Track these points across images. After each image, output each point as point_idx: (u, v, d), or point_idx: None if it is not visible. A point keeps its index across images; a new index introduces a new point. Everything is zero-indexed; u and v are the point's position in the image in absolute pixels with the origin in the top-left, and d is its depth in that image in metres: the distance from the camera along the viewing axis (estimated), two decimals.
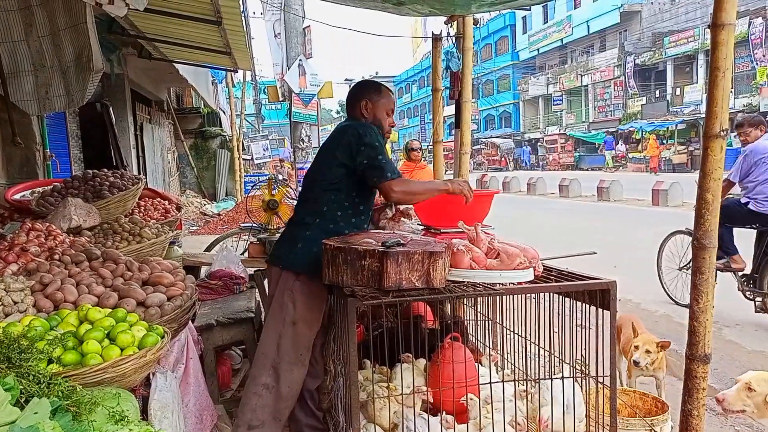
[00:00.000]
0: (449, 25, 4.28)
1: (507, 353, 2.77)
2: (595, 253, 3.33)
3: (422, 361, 2.67)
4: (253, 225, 5.64)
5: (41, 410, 1.37)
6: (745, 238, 5.58)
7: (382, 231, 2.85)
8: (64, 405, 1.48)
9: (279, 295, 2.59)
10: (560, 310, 2.26)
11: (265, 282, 3.86)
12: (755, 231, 5.45)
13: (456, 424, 2.37)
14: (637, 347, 3.28)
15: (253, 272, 4.46)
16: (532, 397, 2.47)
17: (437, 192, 2.66)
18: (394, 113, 2.96)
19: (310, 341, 2.60)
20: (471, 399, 2.34)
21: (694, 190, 2.38)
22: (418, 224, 3.38)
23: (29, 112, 4.01)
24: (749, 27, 24.88)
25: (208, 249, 5.90)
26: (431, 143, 4.83)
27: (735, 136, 6.26)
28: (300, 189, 2.98)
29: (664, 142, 30.03)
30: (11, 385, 1.45)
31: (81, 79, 3.70)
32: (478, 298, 3.04)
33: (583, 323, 2.22)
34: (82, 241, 3.08)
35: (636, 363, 3.23)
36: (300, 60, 14.15)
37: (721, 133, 2.28)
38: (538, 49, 43.19)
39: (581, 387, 2.39)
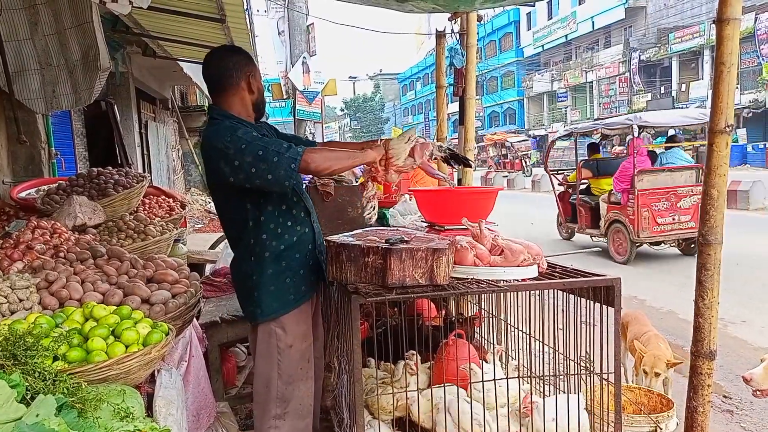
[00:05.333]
0: (453, 21, 4.28)
1: (511, 350, 2.77)
2: (600, 249, 3.33)
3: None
4: None
5: (47, 407, 1.37)
6: None
7: (385, 228, 2.84)
8: (70, 402, 1.49)
9: (264, 326, 2.39)
10: (565, 307, 2.26)
11: None
12: None
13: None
14: (646, 372, 3.20)
15: None
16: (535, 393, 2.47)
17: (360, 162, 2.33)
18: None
19: (309, 352, 2.47)
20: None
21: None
22: (421, 221, 3.38)
23: (36, 110, 4.02)
24: (755, 23, 24.72)
25: (213, 246, 5.90)
26: (435, 140, 4.83)
27: None
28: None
29: None
30: (17, 382, 1.46)
31: (88, 78, 3.71)
32: (482, 296, 3.03)
33: (588, 320, 2.21)
34: (87, 239, 3.09)
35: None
36: (304, 57, 14.16)
37: (727, 128, 2.27)
38: (542, 46, 43.01)
39: (585, 384, 2.38)
